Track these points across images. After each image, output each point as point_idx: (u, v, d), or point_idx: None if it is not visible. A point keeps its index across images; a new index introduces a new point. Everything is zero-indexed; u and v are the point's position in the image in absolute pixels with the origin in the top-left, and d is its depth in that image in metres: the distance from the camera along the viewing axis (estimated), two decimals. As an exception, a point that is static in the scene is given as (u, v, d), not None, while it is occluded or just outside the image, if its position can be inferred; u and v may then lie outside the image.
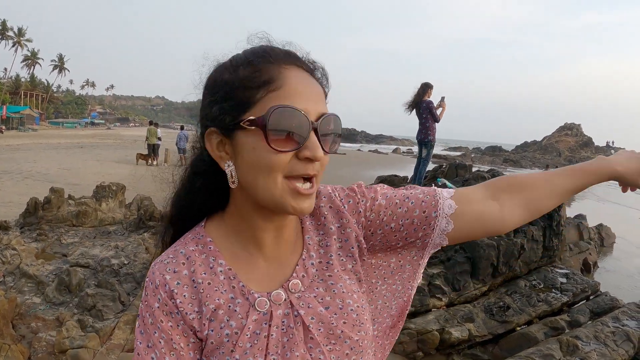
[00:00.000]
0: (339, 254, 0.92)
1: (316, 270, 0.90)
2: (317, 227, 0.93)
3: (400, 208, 0.93)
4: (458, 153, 47.85)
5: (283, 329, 0.84)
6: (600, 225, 11.27)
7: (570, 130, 53.88)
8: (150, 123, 22.99)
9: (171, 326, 0.82)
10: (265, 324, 0.83)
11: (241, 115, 0.78)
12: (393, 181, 10.40)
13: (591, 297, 6.05)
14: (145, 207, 7.93)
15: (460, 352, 4.96)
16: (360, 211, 0.93)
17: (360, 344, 0.88)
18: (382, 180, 10.24)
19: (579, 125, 54.44)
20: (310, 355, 0.84)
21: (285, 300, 0.86)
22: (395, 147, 58.02)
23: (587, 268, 8.53)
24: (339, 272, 0.91)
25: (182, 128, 24.27)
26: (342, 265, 0.92)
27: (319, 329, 0.85)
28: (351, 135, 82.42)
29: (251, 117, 0.76)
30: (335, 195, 0.94)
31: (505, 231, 0.99)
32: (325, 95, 0.86)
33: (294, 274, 0.88)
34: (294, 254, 0.90)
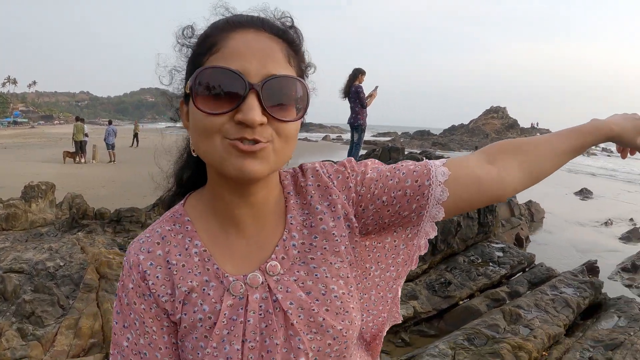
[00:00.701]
0: (325, 235, 0.85)
1: (298, 252, 0.84)
2: (302, 206, 0.87)
3: (391, 180, 0.87)
4: (387, 138, 48.82)
5: (261, 314, 0.80)
6: (530, 201, 11.76)
7: (496, 113, 56.08)
8: (77, 119, 22.85)
9: (144, 309, 0.81)
10: (241, 308, 0.80)
11: (187, 82, 0.78)
12: None
13: (527, 269, 6.27)
14: (77, 205, 7.69)
15: (407, 329, 5.01)
16: (350, 186, 0.87)
17: (344, 334, 0.82)
18: None
19: (504, 108, 56.80)
20: (290, 343, 0.79)
21: (262, 283, 0.81)
22: (324, 134, 58.48)
23: (520, 242, 8.86)
24: (324, 255, 0.85)
25: (109, 123, 24.33)
26: (329, 247, 0.85)
27: (299, 316, 0.80)
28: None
29: (190, 84, 0.75)
30: (323, 171, 0.89)
31: (506, 196, 0.93)
32: (297, 60, 0.81)
33: (273, 255, 0.83)
34: (275, 235, 0.85)
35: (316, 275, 0.83)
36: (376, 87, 9.15)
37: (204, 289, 0.81)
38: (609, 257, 8.84)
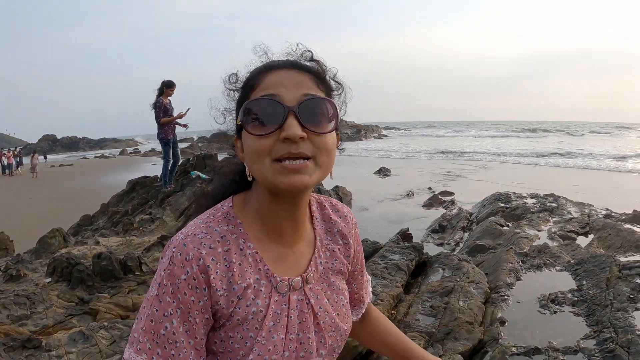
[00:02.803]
0: (338, 265, 1.16)
1: (323, 268, 1.12)
2: (326, 232, 1.16)
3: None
4: (185, 145, 48.23)
5: (298, 313, 1.03)
6: (336, 186, 12.64)
7: None
8: None
9: (193, 300, 0.92)
10: (285, 305, 1.01)
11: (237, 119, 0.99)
12: (144, 182, 11.04)
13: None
14: None
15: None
16: (356, 247, 1.24)
17: (346, 333, 1.14)
18: (134, 183, 11.32)
19: None
20: (318, 338, 1.05)
21: (300, 287, 1.04)
22: (121, 149, 55.31)
23: (338, 224, 9.47)
24: (336, 275, 1.14)
25: None
26: (339, 271, 1.16)
27: (325, 318, 1.07)
28: (72, 144, 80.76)
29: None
30: (350, 216, 1.23)
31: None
32: (324, 86, 1.01)
33: (309, 268, 1.08)
34: (308, 250, 1.10)
35: (333, 287, 1.12)
36: (188, 109, 9.61)
37: (255, 286, 0.98)
38: (418, 223, 9.96)
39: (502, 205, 9.93)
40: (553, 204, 9.79)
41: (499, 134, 55.92)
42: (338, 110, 0.99)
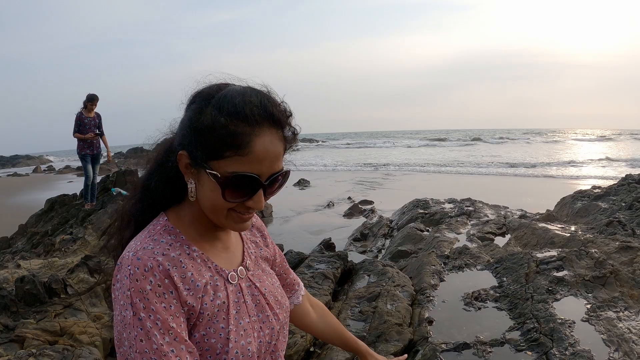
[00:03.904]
0: (262, 250, 1.32)
1: (254, 257, 1.27)
2: (247, 229, 1.24)
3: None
4: (102, 161, 46.12)
5: (251, 297, 1.15)
6: (256, 199, 12.58)
7: None
8: None
9: (164, 307, 0.97)
10: (239, 293, 1.13)
11: (209, 161, 1.01)
12: (64, 201, 10.93)
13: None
14: None
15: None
16: (268, 237, 1.41)
17: (289, 309, 1.30)
18: (53, 202, 11.11)
19: None
20: (272, 315, 1.18)
21: (245, 276, 1.18)
22: (34, 166, 52.03)
23: (260, 237, 9.42)
24: (264, 260, 1.31)
25: None
26: (265, 257, 1.32)
27: (271, 297, 1.20)
28: (-19, 163, 73.82)
29: (214, 173, 1.00)
30: (256, 216, 1.31)
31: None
32: (287, 147, 1.09)
33: (245, 258, 1.22)
34: (238, 243, 1.24)
35: (266, 273, 1.27)
36: (95, 134, 9.70)
37: (211, 283, 1.08)
38: (339, 232, 10.09)
39: (421, 211, 10.27)
40: (470, 208, 10.25)
41: (416, 143, 57.94)
42: (288, 176, 1.12)
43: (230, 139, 0.98)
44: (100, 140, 9.95)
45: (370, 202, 13.63)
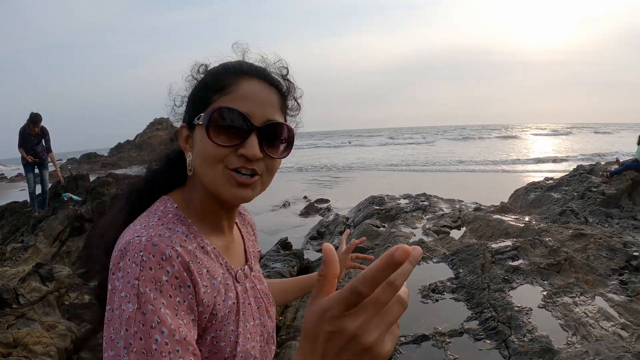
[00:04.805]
0: (255, 249, 1.28)
1: (254, 256, 1.22)
2: (242, 224, 1.27)
3: None
4: (52, 169, 44.98)
5: (254, 299, 1.10)
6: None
7: (160, 124, 58.30)
8: None
9: (179, 301, 0.86)
10: (245, 293, 1.07)
11: (197, 113, 1.00)
12: (14, 208, 10.81)
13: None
14: None
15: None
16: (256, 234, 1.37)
17: (275, 311, 1.24)
18: (2, 209, 10.81)
19: (167, 118, 60.26)
20: (269, 317, 1.15)
21: (249, 275, 1.12)
22: None
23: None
24: (256, 259, 1.25)
25: None
26: (257, 255, 1.28)
27: (266, 300, 1.16)
28: None
29: (201, 115, 0.98)
30: (246, 209, 1.36)
31: None
32: (285, 107, 1.08)
33: (249, 257, 1.17)
34: (239, 240, 1.19)
35: (260, 274, 1.21)
36: (33, 159, 9.64)
37: (223, 281, 1.01)
38: (296, 231, 10.03)
39: (377, 207, 10.31)
40: (425, 203, 10.36)
41: (372, 142, 58.42)
42: (294, 137, 1.06)
43: (213, 83, 1.00)
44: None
45: (327, 201, 13.61)
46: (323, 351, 0.55)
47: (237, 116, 0.96)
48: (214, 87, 1.00)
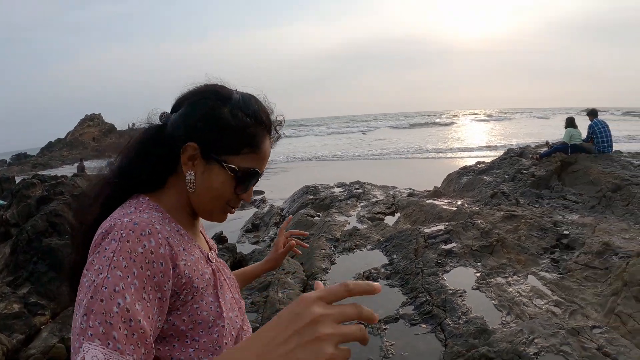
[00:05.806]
0: (209, 239, 1.35)
1: (212, 248, 1.32)
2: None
3: None
4: None
5: (224, 277, 1.23)
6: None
7: (92, 120, 57.57)
8: None
9: (149, 275, 0.92)
10: (218, 272, 1.19)
11: (226, 156, 1.10)
12: None
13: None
14: None
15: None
16: None
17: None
18: None
19: (99, 114, 58.93)
20: (239, 297, 1.29)
21: (215, 260, 1.23)
22: None
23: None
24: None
25: None
26: (213, 246, 1.35)
27: (231, 283, 1.26)
28: None
29: (233, 166, 1.10)
30: None
31: None
32: None
33: (210, 246, 1.30)
34: (202, 236, 1.28)
35: (219, 261, 1.28)
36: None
37: (198, 258, 1.11)
38: (231, 225, 9.81)
39: (311, 197, 10.28)
40: (359, 190, 10.40)
41: (301, 132, 58.47)
42: None
43: (250, 139, 1.11)
44: None
45: (261, 192, 13.49)
46: (278, 329, 0.63)
47: (256, 176, 1.13)
48: (248, 141, 1.11)
